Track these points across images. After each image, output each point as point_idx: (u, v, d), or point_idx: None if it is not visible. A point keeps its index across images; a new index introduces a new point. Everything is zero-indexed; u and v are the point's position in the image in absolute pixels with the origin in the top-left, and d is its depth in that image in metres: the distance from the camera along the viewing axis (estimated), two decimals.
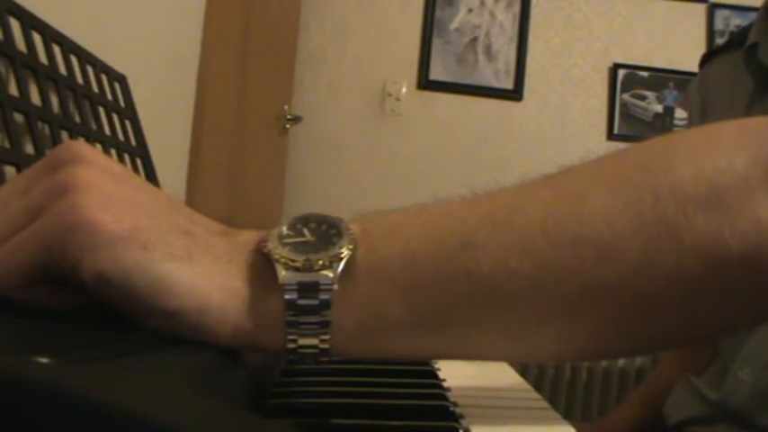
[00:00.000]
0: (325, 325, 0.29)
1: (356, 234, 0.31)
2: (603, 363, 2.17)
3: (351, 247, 0.30)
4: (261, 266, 0.30)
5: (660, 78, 2.40)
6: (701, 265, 0.30)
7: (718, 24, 2.41)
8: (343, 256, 0.30)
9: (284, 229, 0.31)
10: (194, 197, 1.44)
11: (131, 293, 0.28)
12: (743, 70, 0.73)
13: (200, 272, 0.29)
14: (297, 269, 0.29)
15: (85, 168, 0.29)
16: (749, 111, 0.71)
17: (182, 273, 0.28)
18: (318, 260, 0.29)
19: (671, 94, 2.40)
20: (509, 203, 0.32)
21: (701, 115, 0.82)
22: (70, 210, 0.27)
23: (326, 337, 0.30)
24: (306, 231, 0.31)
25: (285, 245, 0.30)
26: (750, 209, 0.30)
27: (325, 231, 0.31)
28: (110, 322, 0.29)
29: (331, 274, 0.29)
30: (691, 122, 0.88)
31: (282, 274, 0.29)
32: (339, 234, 0.31)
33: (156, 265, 0.28)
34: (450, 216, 0.32)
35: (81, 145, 0.30)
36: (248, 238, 0.31)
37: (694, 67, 0.88)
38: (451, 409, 0.36)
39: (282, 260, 0.29)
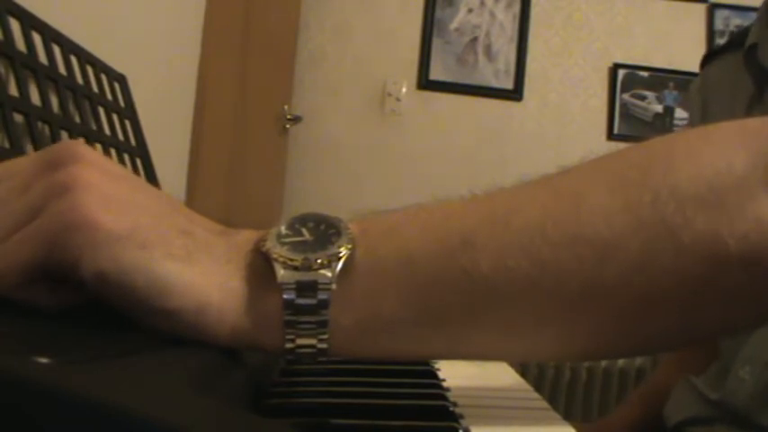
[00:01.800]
0: (323, 324, 0.29)
1: (355, 234, 0.31)
2: (603, 363, 2.17)
3: (349, 246, 0.30)
4: (259, 266, 0.30)
5: (660, 78, 2.40)
6: (701, 264, 0.30)
7: (718, 24, 2.41)
8: (341, 255, 0.30)
9: (283, 229, 0.31)
10: (194, 197, 1.44)
11: (130, 293, 0.28)
12: (743, 71, 0.73)
13: (199, 271, 0.29)
14: (295, 268, 0.29)
15: (84, 168, 0.29)
16: (749, 111, 0.71)
17: (181, 272, 0.28)
18: (317, 259, 0.29)
19: (671, 94, 2.40)
20: (508, 204, 0.32)
21: (702, 116, 0.82)
22: (70, 209, 0.27)
23: (325, 336, 0.30)
24: (304, 231, 0.31)
25: (284, 244, 0.30)
26: (749, 209, 0.30)
27: (324, 231, 0.31)
28: (110, 322, 0.29)
29: (329, 274, 0.29)
30: (692, 123, 0.88)
31: (281, 273, 0.29)
32: (338, 234, 0.31)
33: (156, 265, 0.28)
34: (449, 216, 0.32)
35: (79, 145, 0.30)
36: (247, 237, 0.31)
37: (694, 67, 0.88)
38: (451, 409, 0.36)
39: (281, 259, 0.29)
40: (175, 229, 0.30)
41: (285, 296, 0.29)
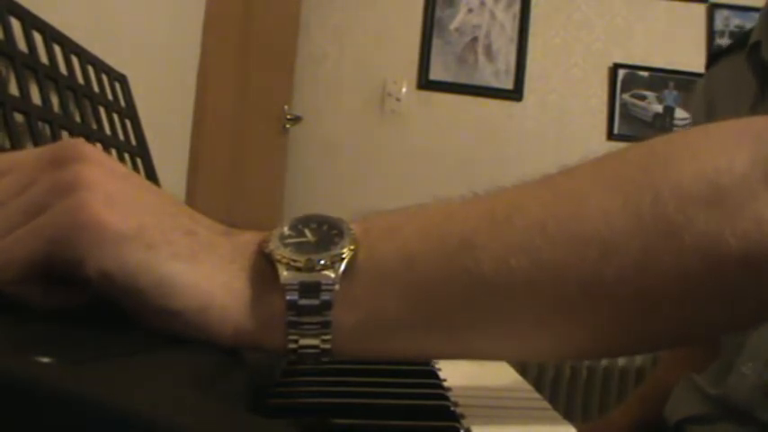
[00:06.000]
0: (326, 325, 0.29)
1: (357, 234, 0.31)
2: (604, 362, 2.17)
3: (352, 247, 0.30)
4: (263, 267, 0.30)
5: (660, 78, 2.40)
6: (701, 263, 0.30)
7: (719, 24, 2.41)
8: (344, 256, 0.30)
9: (285, 230, 0.31)
10: (194, 197, 1.44)
11: (135, 293, 0.28)
12: (746, 71, 0.73)
13: (203, 272, 0.29)
14: (298, 269, 0.29)
15: (90, 167, 0.29)
16: (753, 111, 0.71)
17: (185, 273, 0.28)
18: (320, 260, 0.29)
19: (671, 94, 2.40)
20: (508, 203, 0.32)
21: (708, 118, 0.81)
22: (77, 208, 0.27)
23: (328, 337, 0.30)
24: (307, 232, 0.31)
25: (286, 245, 0.30)
26: (750, 208, 0.30)
27: (327, 232, 0.31)
28: (110, 322, 0.29)
29: (332, 275, 0.29)
30: (695, 124, 0.88)
31: (284, 274, 0.29)
32: (340, 234, 0.31)
33: (161, 265, 0.28)
34: (450, 216, 0.32)
35: (84, 144, 0.30)
36: (250, 238, 0.31)
37: (694, 67, 0.88)
38: (452, 408, 0.36)
39: (284, 260, 0.29)
40: (180, 229, 0.30)
41: (288, 297, 0.29)
